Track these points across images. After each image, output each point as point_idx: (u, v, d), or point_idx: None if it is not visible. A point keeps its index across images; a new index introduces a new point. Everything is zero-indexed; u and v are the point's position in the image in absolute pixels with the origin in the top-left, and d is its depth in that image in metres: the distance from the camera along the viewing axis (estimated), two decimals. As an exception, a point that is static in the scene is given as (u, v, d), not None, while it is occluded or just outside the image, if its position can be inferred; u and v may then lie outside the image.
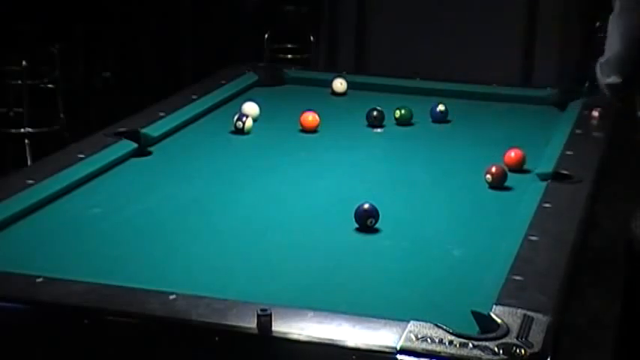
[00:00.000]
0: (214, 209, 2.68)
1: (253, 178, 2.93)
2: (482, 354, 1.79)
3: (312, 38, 6.48)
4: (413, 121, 3.47)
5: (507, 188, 2.83)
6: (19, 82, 5.82)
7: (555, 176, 2.78)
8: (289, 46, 6.61)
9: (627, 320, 2.86)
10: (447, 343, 1.81)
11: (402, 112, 3.47)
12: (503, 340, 1.83)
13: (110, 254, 2.35)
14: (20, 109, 5.90)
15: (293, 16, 6.46)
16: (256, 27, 6.50)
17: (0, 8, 5.77)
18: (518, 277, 2.12)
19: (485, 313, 1.95)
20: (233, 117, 3.34)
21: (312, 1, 6.60)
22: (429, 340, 1.82)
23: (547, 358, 1.81)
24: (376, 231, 2.49)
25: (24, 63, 5.75)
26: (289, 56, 6.54)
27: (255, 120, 3.37)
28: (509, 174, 2.86)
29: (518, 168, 2.95)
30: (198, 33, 6.74)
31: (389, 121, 3.46)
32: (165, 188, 2.83)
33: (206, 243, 2.44)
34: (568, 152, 3.00)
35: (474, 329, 1.92)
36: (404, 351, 1.80)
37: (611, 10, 2.61)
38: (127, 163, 2.98)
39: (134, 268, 2.26)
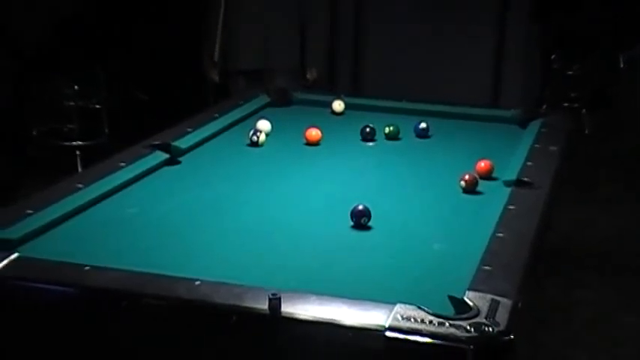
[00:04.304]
0: (233, 209, 2.67)
1: (265, 183, 2.93)
2: (457, 331, 1.79)
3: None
4: (400, 136, 3.46)
5: (479, 193, 2.82)
6: (72, 103, 6.04)
7: (518, 183, 2.77)
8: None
9: None
10: (427, 323, 1.81)
11: (391, 128, 3.46)
12: (475, 320, 1.83)
13: (145, 246, 2.35)
14: (72, 126, 6.08)
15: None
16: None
17: (50, 42, 5.91)
18: (487, 268, 2.12)
19: (460, 297, 1.94)
20: (249, 132, 3.33)
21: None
22: (412, 319, 1.82)
23: (510, 334, 1.81)
24: (369, 228, 2.48)
25: (76, 87, 5.95)
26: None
27: (267, 135, 3.37)
28: (480, 181, 2.86)
29: (488, 176, 2.94)
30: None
31: (380, 137, 3.45)
32: (191, 192, 2.82)
33: (226, 237, 2.43)
34: (529, 163, 2.99)
35: (450, 311, 1.92)
36: (391, 329, 1.80)
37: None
38: (160, 170, 2.98)
39: (165, 258, 2.26)
